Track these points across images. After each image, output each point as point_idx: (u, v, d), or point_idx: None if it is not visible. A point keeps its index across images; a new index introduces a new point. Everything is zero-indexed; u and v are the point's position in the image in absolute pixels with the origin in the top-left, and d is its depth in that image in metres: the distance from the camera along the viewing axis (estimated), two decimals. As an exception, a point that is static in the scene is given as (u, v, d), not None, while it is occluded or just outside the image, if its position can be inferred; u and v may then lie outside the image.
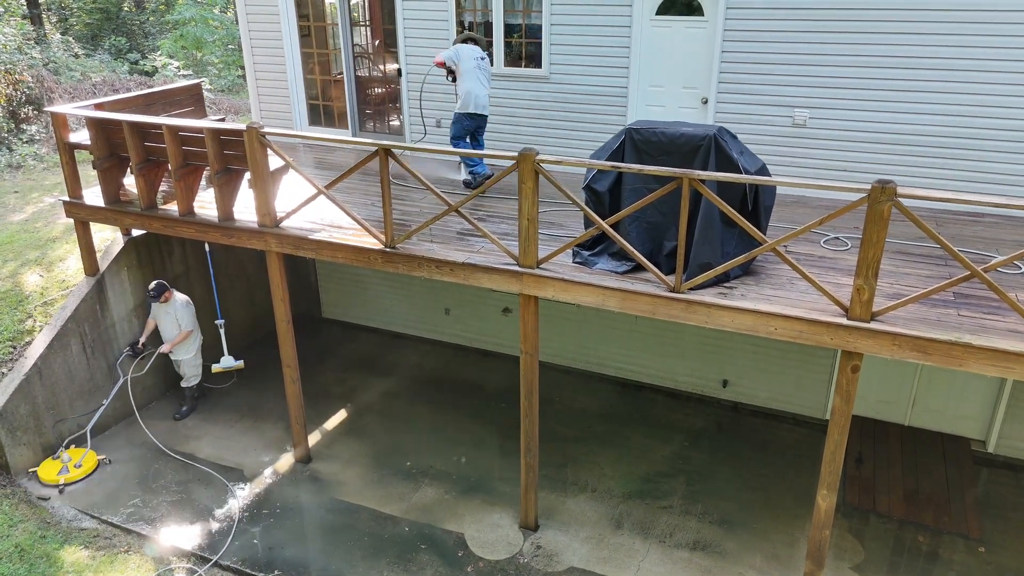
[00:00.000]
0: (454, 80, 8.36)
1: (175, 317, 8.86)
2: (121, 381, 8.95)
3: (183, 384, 9.30)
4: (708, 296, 5.93)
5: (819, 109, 8.15)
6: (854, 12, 7.71)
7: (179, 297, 8.94)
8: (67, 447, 8.42)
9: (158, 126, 7.57)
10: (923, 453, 8.47)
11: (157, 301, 8.78)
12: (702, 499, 7.86)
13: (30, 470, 8.16)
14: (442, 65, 8.35)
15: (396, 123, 10.57)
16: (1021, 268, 6.54)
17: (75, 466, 8.15)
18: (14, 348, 8.36)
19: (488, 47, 9.42)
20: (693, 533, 7.40)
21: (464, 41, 8.42)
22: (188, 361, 9.15)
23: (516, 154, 6.09)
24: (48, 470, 8.08)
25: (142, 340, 9.03)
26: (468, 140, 8.57)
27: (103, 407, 8.73)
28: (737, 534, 7.39)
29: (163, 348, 8.95)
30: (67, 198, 8.43)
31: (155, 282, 8.75)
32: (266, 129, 7.10)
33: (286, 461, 8.51)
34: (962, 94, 7.62)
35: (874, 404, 8.93)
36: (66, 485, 7.97)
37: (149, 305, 9.06)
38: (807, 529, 7.33)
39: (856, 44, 7.81)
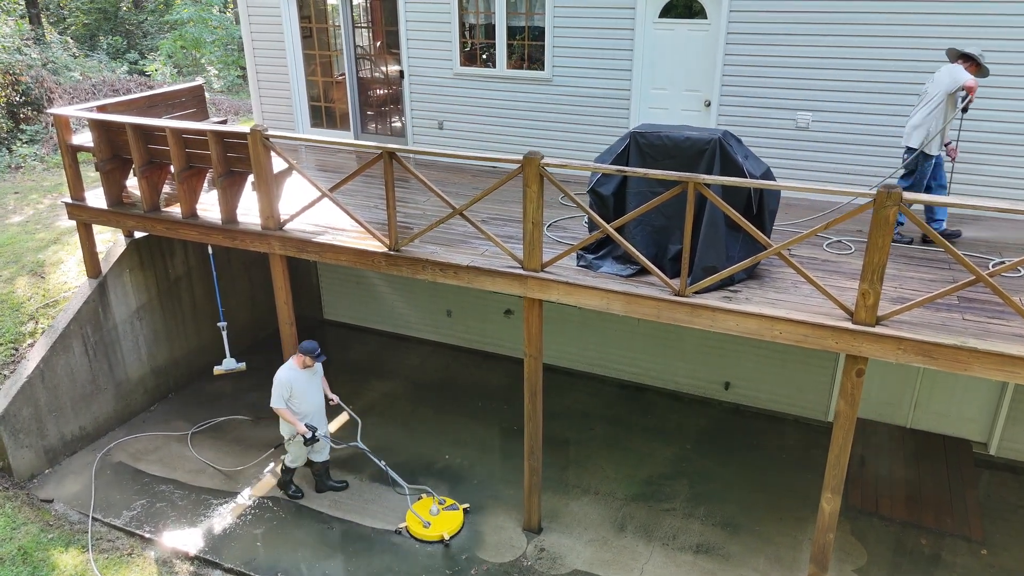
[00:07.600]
0: (965, 110, 6.95)
1: None
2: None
3: None
4: (713, 300, 5.93)
5: (822, 112, 8.16)
6: (857, 16, 7.73)
7: None
8: (419, 498, 7.83)
9: (162, 128, 7.56)
10: (925, 455, 8.49)
11: None
12: (705, 502, 7.87)
13: (400, 527, 7.49)
14: (972, 90, 6.83)
15: (398, 124, 10.57)
16: (1021, 272, 6.56)
17: (446, 511, 7.63)
18: (16, 350, 8.35)
19: (490, 49, 9.44)
20: (696, 536, 7.41)
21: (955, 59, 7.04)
22: None
23: (521, 157, 6.09)
24: (424, 531, 7.46)
25: None
26: None
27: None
28: (740, 537, 7.40)
29: None
30: (69, 200, 8.41)
31: None
32: (270, 132, 7.10)
33: (289, 463, 8.50)
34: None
35: (876, 406, 8.94)
36: (451, 537, 7.40)
37: None
38: (810, 531, 7.35)
39: (858, 47, 7.82)
